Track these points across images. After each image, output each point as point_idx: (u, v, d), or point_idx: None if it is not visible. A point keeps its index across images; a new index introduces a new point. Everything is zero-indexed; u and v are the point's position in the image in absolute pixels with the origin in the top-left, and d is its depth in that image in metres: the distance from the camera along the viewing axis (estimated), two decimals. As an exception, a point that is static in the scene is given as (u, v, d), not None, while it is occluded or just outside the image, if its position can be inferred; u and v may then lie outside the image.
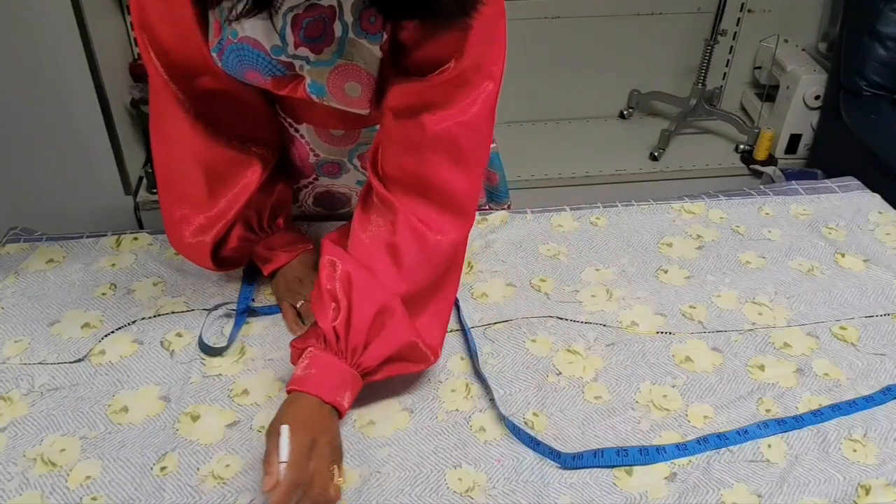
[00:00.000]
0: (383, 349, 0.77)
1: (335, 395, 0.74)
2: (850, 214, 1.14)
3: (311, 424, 0.71)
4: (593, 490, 0.72)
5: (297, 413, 0.71)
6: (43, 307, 0.93)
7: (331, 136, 0.93)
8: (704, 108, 2.47)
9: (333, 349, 0.76)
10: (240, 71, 0.79)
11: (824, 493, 0.72)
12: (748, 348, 0.89)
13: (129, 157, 1.94)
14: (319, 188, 1.02)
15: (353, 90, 0.80)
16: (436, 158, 0.80)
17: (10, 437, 0.76)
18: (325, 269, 0.79)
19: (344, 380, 0.75)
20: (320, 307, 0.77)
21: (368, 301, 0.76)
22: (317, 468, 0.68)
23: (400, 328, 0.77)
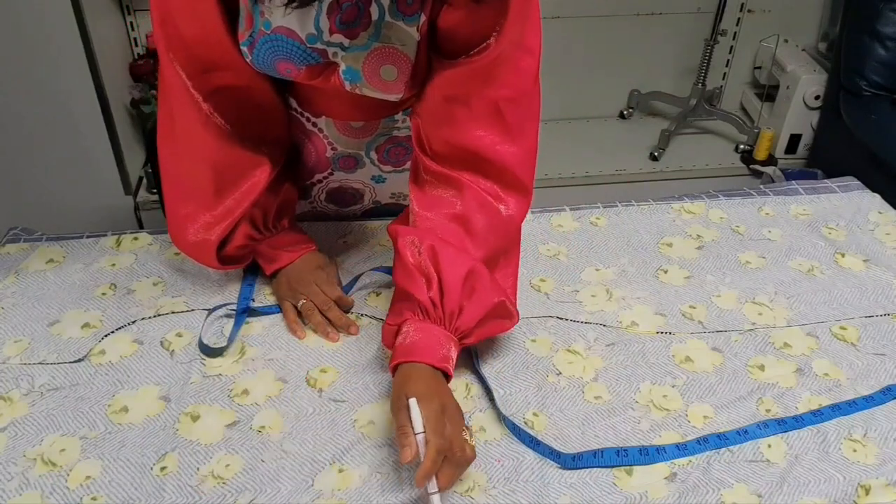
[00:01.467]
0: (477, 311, 0.79)
1: (444, 361, 0.76)
2: (850, 214, 1.14)
3: (434, 391, 0.73)
4: (593, 490, 0.72)
5: (417, 384, 0.73)
6: (43, 307, 0.93)
7: (350, 128, 0.93)
8: (704, 108, 2.47)
9: (432, 317, 0.78)
10: (271, 63, 0.80)
11: (824, 493, 0.72)
12: (748, 348, 0.89)
13: (129, 157, 1.94)
14: (333, 183, 1.02)
15: (389, 74, 0.80)
16: (486, 135, 0.82)
17: (10, 437, 0.76)
18: (408, 248, 0.81)
19: (447, 345, 0.78)
20: (411, 282, 0.79)
21: (456, 268, 0.79)
22: (453, 432, 0.70)
23: (489, 289, 0.80)
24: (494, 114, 0.81)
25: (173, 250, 1.02)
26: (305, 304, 0.90)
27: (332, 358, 0.87)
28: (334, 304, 0.91)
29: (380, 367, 0.85)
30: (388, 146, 0.97)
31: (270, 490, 0.72)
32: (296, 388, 0.83)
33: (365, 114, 0.92)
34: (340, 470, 0.74)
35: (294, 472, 0.74)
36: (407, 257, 0.80)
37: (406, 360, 0.76)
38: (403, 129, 0.96)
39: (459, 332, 0.79)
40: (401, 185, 1.05)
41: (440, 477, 0.68)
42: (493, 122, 0.82)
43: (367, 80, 0.80)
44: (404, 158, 0.99)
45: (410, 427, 0.69)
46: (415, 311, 0.79)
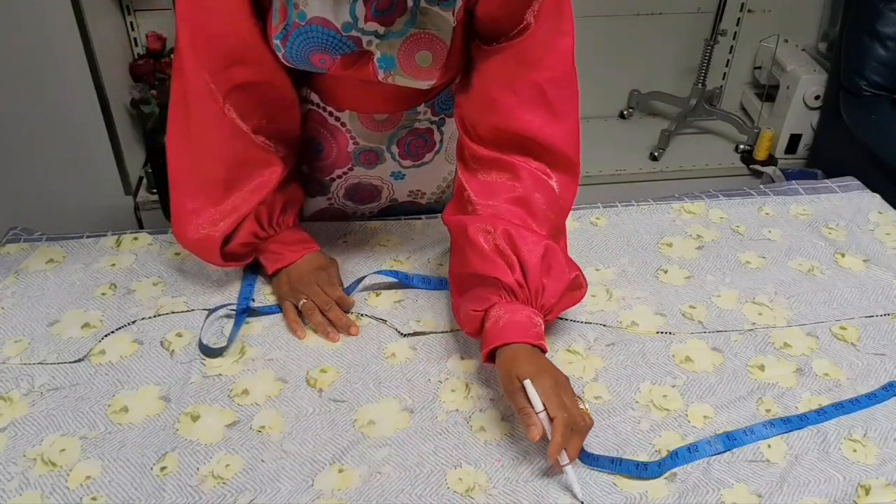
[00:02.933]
0: (558, 286, 0.82)
1: (539, 339, 0.78)
2: (850, 214, 1.14)
3: (542, 368, 0.75)
4: (593, 490, 0.72)
5: (525, 364, 0.75)
6: (43, 307, 0.93)
7: (373, 121, 0.94)
8: (704, 108, 2.47)
9: (520, 298, 0.80)
10: (305, 55, 0.81)
11: (824, 493, 0.72)
12: (748, 348, 0.89)
13: (129, 157, 1.94)
14: (353, 179, 1.02)
15: (424, 60, 0.81)
16: (533, 119, 0.83)
17: (10, 437, 0.76)
18: (481, 235, 0.82)
19: (538, 323, 0.80)
20: (494, 267, 0.80)
21: (533, 249, 0.81)
22: (571, 403, 0.72)
23: (564, 265, 0.83)
24: (539, 96, 0.83)
25: (173, 250, 1.02)
26: (306, 303, 0.90)
27: (332, 358, 0.87)
28: (335, 304, 0.91)
29: (380, 367, 0.85)
30: (409, 139, 0.98)
31: (270, 490, 0.72)
32: (296, 388, 0.83)
33: (390, 105, 0.93)
34: (340, 470, 0.74)
35: (294, 472, 0.74)
36: (482, 244, 0.82)
37: (505, 343, 0.77)
38: (424, 120, 0.97)
39: (544, 309, 0.82)
40: (419, 182, 1.06)
41: (569, 448, 0.71)
42: (539, 105, 0.83)
43: (402, 68, 0.82)
44: (423, 151, 1.01)
45: (531, 407, 0.71)
46: (501, 294, 0.81)
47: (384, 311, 0.94)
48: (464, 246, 0.84)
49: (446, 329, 0.91)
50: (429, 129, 0.98)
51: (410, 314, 0.93)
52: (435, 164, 1.04)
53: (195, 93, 0.84)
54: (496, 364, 0.78)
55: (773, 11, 2.47)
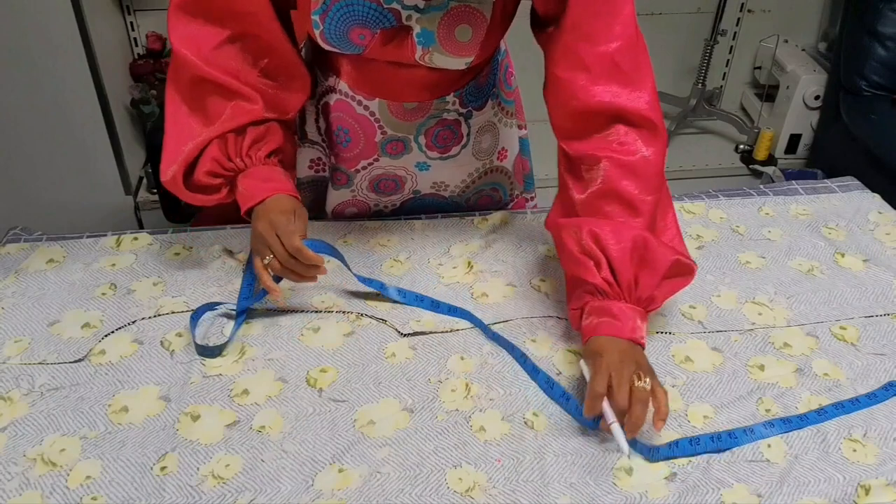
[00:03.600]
0: (653, 277, 0.81)
1: (632, 332, 0.78)
2: (849, 214, 1.14)
3: (614, 348, 0.76)
4: (593, 490, 0.72)
5: (602, 344, 0.77)
6: (43, 307, 0.93)
7: (403, 109, 0.95)
8: (704, 108, 2.47)
9: (611, 296, 0.80)
10: (345, 30, 0.82)
11: (824, 493, 0.72)
12: (748, 348, 0.89)
13: (129, 157, 1.95)
14: (377, 170, 1.03)
15: (464, 34, 0.82)
16: (608, 89, 0.83)
17: (11, 437, 0.76)
18: (570, 237, 0.83)
19: (633, 317, 0.79)
20: (581, 268, 0.81)
21: (620, 243, 0.80)
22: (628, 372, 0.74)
23: (659, 253, 0.81)
24: (612, 68, 0.83)
25: (173, 250, 1.02)
26: (272, 262, 0.85)
27: (332, 358, 0.87)
28: (294, 259, 0.85)
29: (380, 367, 0.85)
30: (437, 129, 0.98)
31: (270, 490, 0.72)
32: (296, 388, 0.83)
33: (420, 93, 0.94)
34: (340, 470, 0.74)
35: (294, 472, 0.74)
36: (570, 245, 0.83)
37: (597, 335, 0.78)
38: (452, 111, 0.98)
39: (642, 301, 0.81)
40: (443, 174, 1.06)
41: (631, 413, 0.72)
42: (614, 76, 0.83)
43: (441, 43, 0.83)
44: (451, 144, 1.02)
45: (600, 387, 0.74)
46: (593, 293, 0.81)
47: (384, 311, 0.94)
48: (561, 251, 0.86)
49: (446, 329, 0.91)
50: (457, 121, 0.99)
51: (410, 314, 0.93)
52: (461, 159, 1.04)
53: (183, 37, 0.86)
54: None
55: (772, 11, 2.47)
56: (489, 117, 1.03)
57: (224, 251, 1.02)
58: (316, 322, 0.92)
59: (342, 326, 0.91)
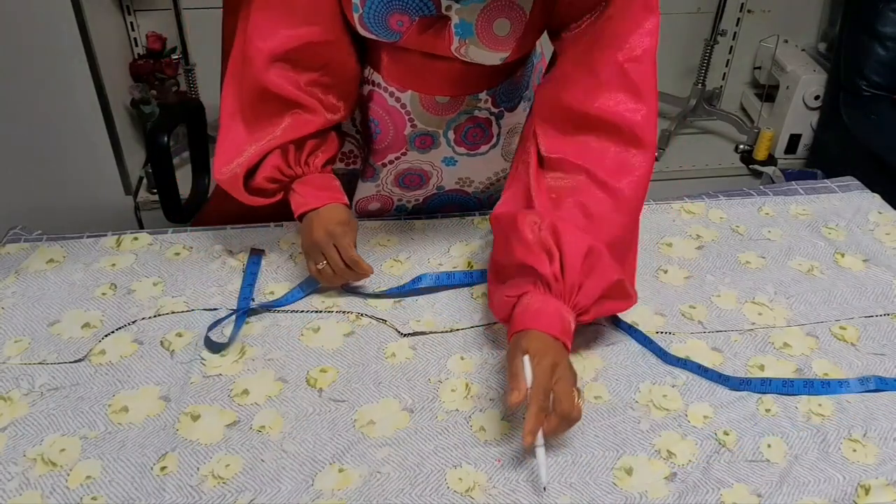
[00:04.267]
0: (596, 288, 0.80)
1: (564, 334, 0.78)
2: (849, 214, 1.14)
3: (549, 350, 0.75)
4: (593, 490, 0.72)
5: (534, 344, 0.75)
6: (43, 307, 0.93)
7: (435, 103, 0.96)
8: (704, 108, 2.47)
9: (553, 291, 0.79)
10: (384, 16, 0.83)
11: (824, 492, 0.72)
12: (748, 348, 0.89)
13: (129, 157, 1.95)
14: (403, 164, 1.03)
15: (503, 28, 0.83)
16: (615, 98, 0.83)
17: (11, 436, 0.76)
18: (528, 226, 0.81)
19: (567, 319, 0.79)
20: (533, 257, 0.80)
21: (577, 245, 0.80)
22: (563, 389, 0.72)
23: (608, 268, 0.81)
24: (621, 77, 0.83)
25: (173, 250, 1.02)
26: (325, 269, 0.91)
27: (332, 358, 0.87)
28: (349, 270, 0.91)
29: (380, 367, 0.85)
30: (467, 125, 0.99)
31: (270, 490, 0.72)
32: (296, 388, 0.83)
33: (453, 88, 0.94)
34: (340, 470, 0.74)
35: (294, 472, 0.74)
36: (527, 234, 0.81)
37: (528, 328, 0.77)
38: (484, 110, 0.98)
39: (578, 308, 0.80)
40: (469, 171, 1.07)
41: (546, 427, 0.71)
42: (622, 86, 0.83)
43: (479, 36, 0.83)
44: (480, 141, 1.02)
45: (523, 376, 0.72)
46: (536, 284, 0.80)
47: (384, 311, 0.94)
48: (510, 235, 0.84)
49: (446, 329, 0.91)
50: (488, 120, 1.00)
51: (410, 314, 0.93)
52: (489, 158, 1.05)
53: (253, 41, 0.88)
54: (510, 341, 0.78)
55: (772, 11, 2.47)
56: (520, 119, 1.03)
57: (224, 251, 1.02)
58: (316, 322, 0.92)
59: (342, 326, 0.91)
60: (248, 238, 1.05)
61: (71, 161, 1.82)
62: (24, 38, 1.63)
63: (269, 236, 1.06)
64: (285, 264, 1.01)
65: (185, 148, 1.45)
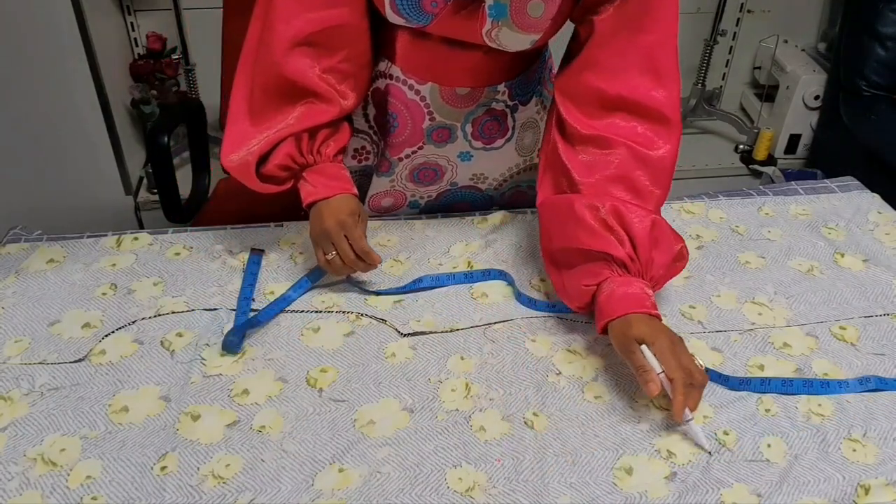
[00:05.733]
0: (665, 258, 0.86)
1: (654, 308, 0.81)
2: (849, 214, 1.14)
3: (657, 329, 0.79)
4: (593, 490, 0.72)
5: (640, 326, 0.79)
6: (43, 307, 0.93)
7: (455, 95, 0.97)
8: (704, 108, 2.47)
9: (632, 272, 0.84)
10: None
11: (824, 492, 0.72)
12: (748, 348, 0.89)
13: (129, 157, 1.95)
14: (419, 158, 1.04)
15: (536, 10, 0.84)
16: (640, 83, 0.86)
17: (11, 436, 0.76)
18: (589, 211, 0.85)
19: (650, 295, 0.83)
20: (604, 242, 0.84)
21: (642, 224, 0.84)
22: (687, 360, 0.77)
23: (670, 237, 0.86)
24: (646, 60, 0.85)
25: (173, 250, 1.02)
26: (334, 260, 0.91)
27: (332, 358, 0.87)
28: (360, 261, 0.92)
29: (380, 367, 0.86)
30: (484, 118, 1.00)
31: (270, 490, 0.72)
32: (296, 388, 0.83)
33: (474, 79, 0.95)
34: (340, 470, 0.74)
35: (294, 472, 0.74)
36: (589, 220, 0.84)
37: (622, 315, 0.80)
38: (501, 102, 0.99)
39: (654, 280, 0.85)
40: (483, 166, 1.08)
41: (690, 404, 0.76)
42: (647, 69, 0.86)
43: (513, 18, 0.84)
44: (496, 134, 1.03)
45: (649, 365, 0.76)
46: (613, 268, 0.84)
47: (384, 311, 0.94)
48: (567, 222, 0.86)
49: (446, 329, 0.91)
50: (503, 113, 1.01)
51: (410, 314, 0.93)
52: (504, 152, 1.06)
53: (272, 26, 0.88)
54: (611, 333, 0.81)
55: (772, 12, 2.47)
56: (532, 114, 1.05)
57: (224, 251, 1.02)
58: (316, 322, 0.92)
59: (342, 326, 0.91)
60: (248, 238, 1.05)
61: (71, 161, 1.82)
62: (24, 38, 1.63)
63: (269, 236, 1.06)
64: (285, 264, 1.01)
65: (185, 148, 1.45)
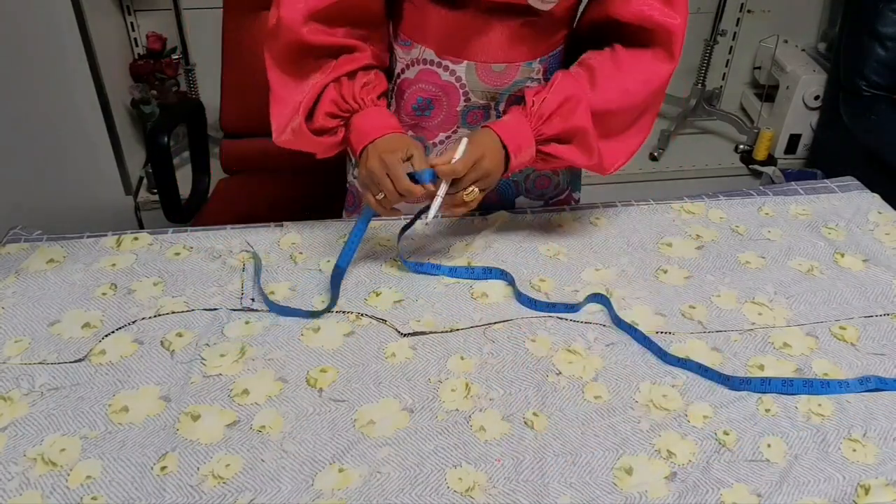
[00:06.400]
0: (561, 124, 0.92)
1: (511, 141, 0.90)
2: (849, 214, 1.14)
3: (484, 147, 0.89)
4: (593, 490, 0.72)
5: (481, 137, 0.90)
6: (43, 307, 0.93)
7: (491, 72, 0.98)
8: (704, 108, 2.47)
9: (527, 111, 0.92)
10: None
11: (824, 492, 0.72)
12: (748, 348, 0.89)
13: (129, 157, 1.95)
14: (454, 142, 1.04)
15: None
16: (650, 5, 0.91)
17: (11, 436, 0.76)
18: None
19: (524, 136, 0.91)
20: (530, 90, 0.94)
21: (562, 89, 0.92)
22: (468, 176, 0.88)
23: (580, 115, 0.92)
24: None
25: (173, 250, 1.02)
26: (383, 200, 0.92)
27: (332, 358, 0.87)
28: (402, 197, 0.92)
29: (380, 367, 0.86)
30: (518, 96, 1.00)
31: (270, 490, 0.72)
32: (296, 388, 0.83)
33: (509, 53, 0.97)
34: (340, 470, 0.74)
35: (294, 471, 0.74)
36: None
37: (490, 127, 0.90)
38: (535, 80, 1.01)
39: (540, 135, 0.92)
40: None
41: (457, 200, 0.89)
42: None
43: None
44: None
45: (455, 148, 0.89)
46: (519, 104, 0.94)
47: (384, 310, 0.94)
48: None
49: (446, 329, 0.91)
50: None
51: (410, 314, 0.93)
52: None
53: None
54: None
55: (772, 11, 2.47)
56: None
57: (224, 251, 1.02)
58: (316, 322, 0.92)
59: (342, 326, 0.91)
60: (248, 238, 1.05)
61: (71, 161, 1.82)
62: (24, 38, 1.63)
63: (270, 236, 1.06)
64: (285, 264, 1.01)
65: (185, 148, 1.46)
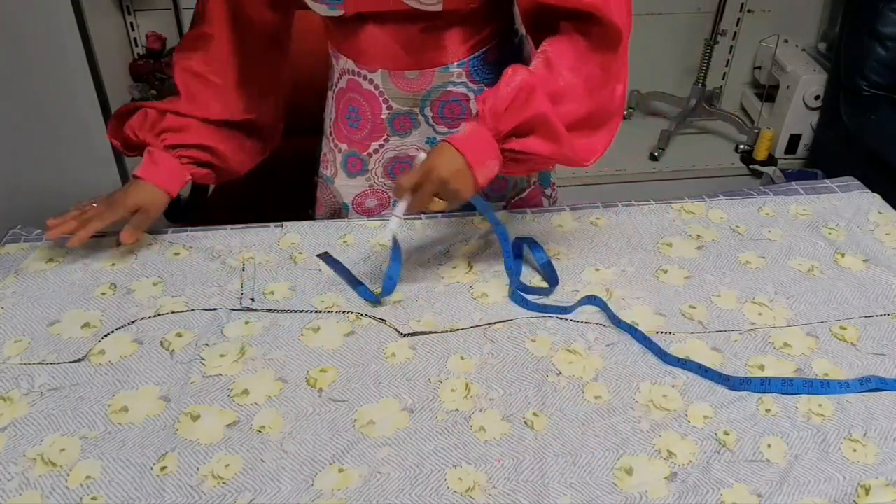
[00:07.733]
0: (517, 115, 0.85)
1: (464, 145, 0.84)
2: (849, 214, 1.14)
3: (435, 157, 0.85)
4: (593, 490, 0.72)
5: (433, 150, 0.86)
6: (43, 307, 0.93)
7: (405, 79, 0.99)
8: (704, 108, 2.47)
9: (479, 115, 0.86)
10: None
11: (824, 493, 0.72)
12: (748, 348, 0.89)
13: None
14: (389, 152, 1.05)
15: None
16: None
17: (10, 437, 0.76)
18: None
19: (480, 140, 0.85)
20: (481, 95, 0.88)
21: (513, 80, 0.85)
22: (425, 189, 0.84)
23: (536, 99, 0.84)
24: None
25: (173, 250, 1.02)
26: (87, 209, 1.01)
27: (332, 358, 0.87)
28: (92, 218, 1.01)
29: (380, 367, 0.85)
30: (443, 101, 1.01)
31: (270, 490, 0.72)
32: (296, 388, 0.83)
33: (419, 59, 0.97)
34: (340, 470, 0.74)
35: (294, 472, 0.74)
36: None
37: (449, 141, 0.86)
38: (459, 84, 1.00)
39: (499, 132, 0.85)
40: None
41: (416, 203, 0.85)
42: None
43: None
44: (460, 117, 1.03)
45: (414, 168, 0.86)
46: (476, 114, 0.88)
47: (384, 311, 0.94)
48: None
49: (446, 329, 0.91)
50: (465, 95, 1.02)
51: (410, 314, 0.93)
52: None
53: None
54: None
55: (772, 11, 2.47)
56: None
57: (224, 251, 1.02)
58: (316, 322, 0.92)
59: (342, 326, 0.91)
60: (248, 238, 1.05)
61: (71, 160, 1.82)
62: (24, 37, 1.63)
63: (269, 236, 1.06)
64: (285, 264, 1.01)
65: (185, 148, 1.45)
